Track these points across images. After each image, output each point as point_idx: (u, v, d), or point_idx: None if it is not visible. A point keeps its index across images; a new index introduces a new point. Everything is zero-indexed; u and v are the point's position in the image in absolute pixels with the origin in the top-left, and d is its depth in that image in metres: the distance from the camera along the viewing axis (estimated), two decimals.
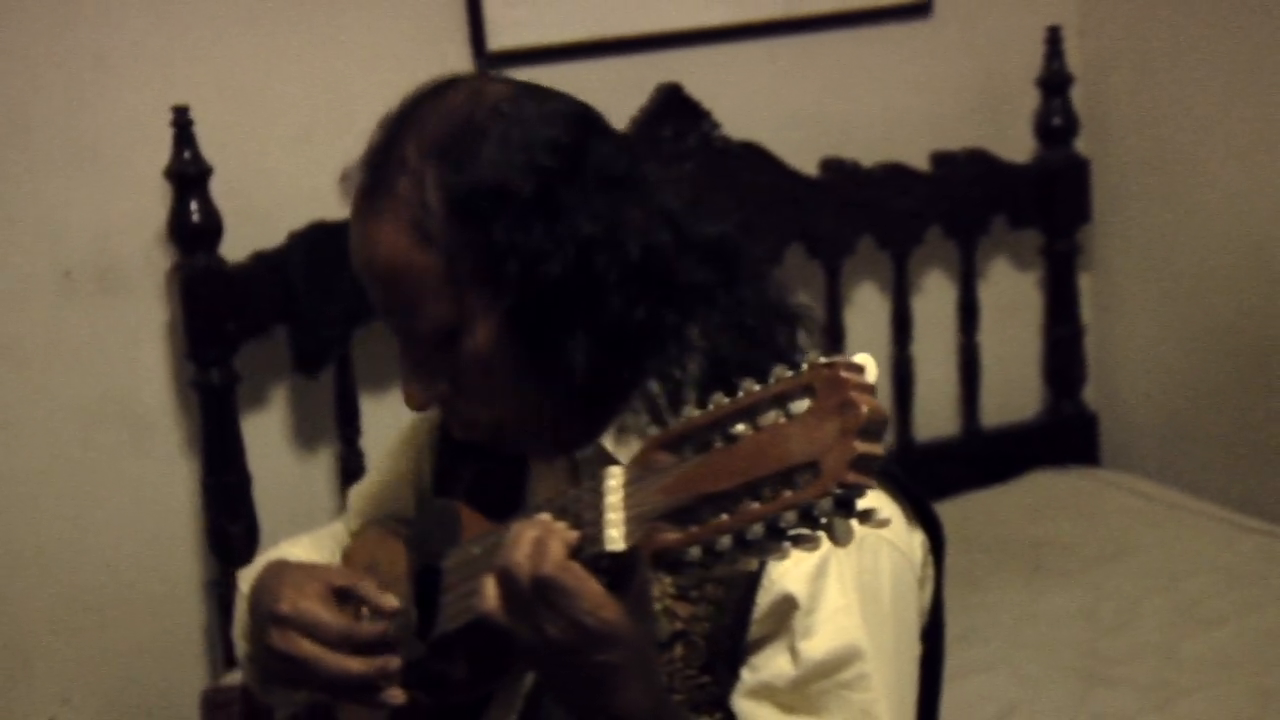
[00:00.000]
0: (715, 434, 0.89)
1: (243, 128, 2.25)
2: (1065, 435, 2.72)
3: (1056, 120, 2.63)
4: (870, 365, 0.84)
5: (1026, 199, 2.65)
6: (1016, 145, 2.67)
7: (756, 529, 0.85)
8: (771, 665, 1.11)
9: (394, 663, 1.16)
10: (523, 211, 1.11)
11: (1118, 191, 2.68)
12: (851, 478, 0.80)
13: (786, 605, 1.10)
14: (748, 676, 1.12)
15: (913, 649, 1.17)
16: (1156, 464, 2.66)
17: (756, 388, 0.87)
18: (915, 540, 1.17)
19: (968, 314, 2.67)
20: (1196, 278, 2.59)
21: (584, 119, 1.17)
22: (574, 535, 0.99)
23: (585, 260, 1.11)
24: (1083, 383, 2.75)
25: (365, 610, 1.21)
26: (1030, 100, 2.65)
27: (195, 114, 2.14)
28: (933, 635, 1.21)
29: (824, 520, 0.83)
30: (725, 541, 0.87)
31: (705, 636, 1.12)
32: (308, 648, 1.17)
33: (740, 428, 0.88)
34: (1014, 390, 2.74)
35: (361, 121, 2.38)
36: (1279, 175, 2.41)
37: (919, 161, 2.61)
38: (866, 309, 2.64)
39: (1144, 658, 1.97)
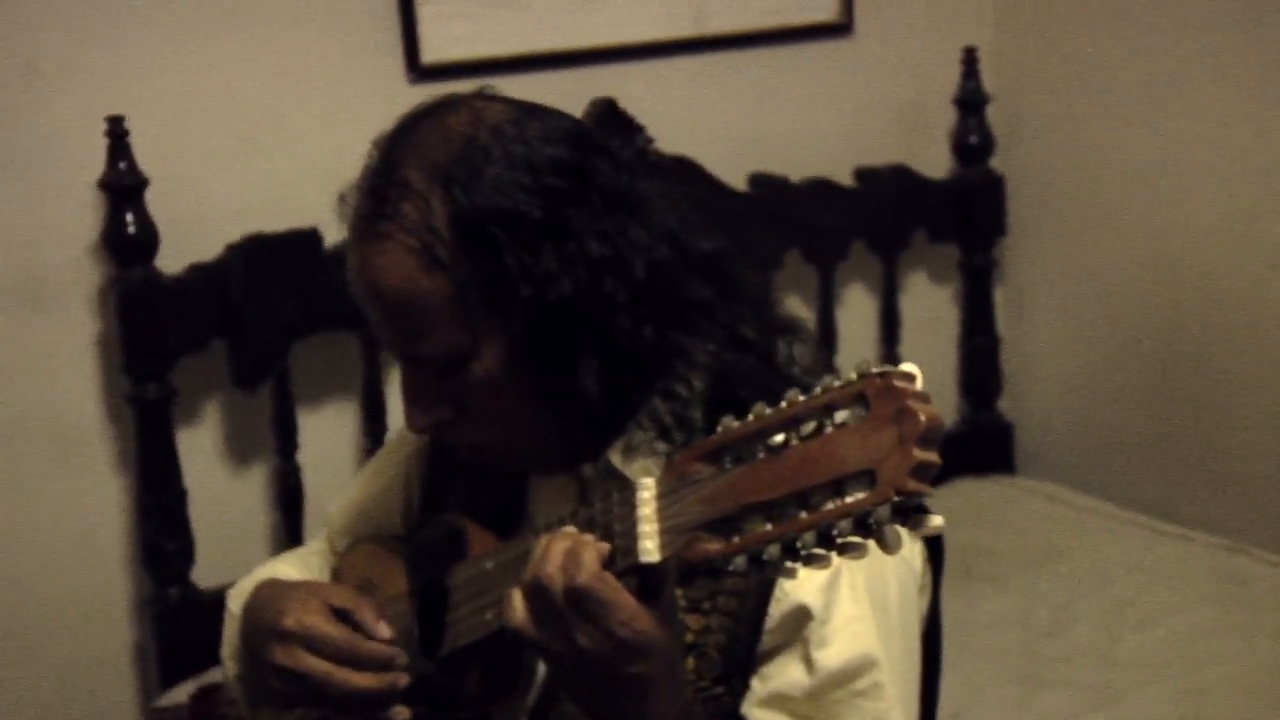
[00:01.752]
0: (757, 444, 0.89)
1: (178, 139, 2.20)
2: (982, 444, 2.77)
3: (973, 138, 2.69)
4: (918, 374, 0.85)
5: (945, 214, 2.70)
6: (935, 162, 2.71)
7: (808, 537, 0.85)
8: (784, 675, 1.11)
9: (403, 679, 1.14)
10: (533, 234, 1.10)
11: (1031, 207, 2.74)
12: (912, 485, 0.81)
13: (800, 615, 1.10)
14: (758, 686, 1.12)
15: (917, 656, 1.18)
16: (1069, 471, 2.72)
17: (802, 397, 0.87)
18: (916, 549, 1.18)
19: (889, 326, 2.71)
20: (1106, 290, 2.66)
21: (585, 136, 1.16)
22: (605, 547, 0.98)
23: (595, 281, 1.10)
24: (998, 393, 2.80)
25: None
26: (948, 118, 2.70)
27: (130, 125, 2.08)
28: (931, 641, 1.22)
29: (877, 528, 0.83)
30: (774, 550, 0.87)
31: (719, 649, 1.11)
32: (315, 663, 1.14)
33: (782, 438, 0.88)
34: (933, 400, 2.77)
35: (297, 133, 2.37)
36: (1182, 191, 2.48)
37: (843, 177, 2.64)
38: None
39: (1081, 660, 2.01)
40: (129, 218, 2.08)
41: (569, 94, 2.44)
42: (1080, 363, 2.73)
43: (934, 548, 1.20)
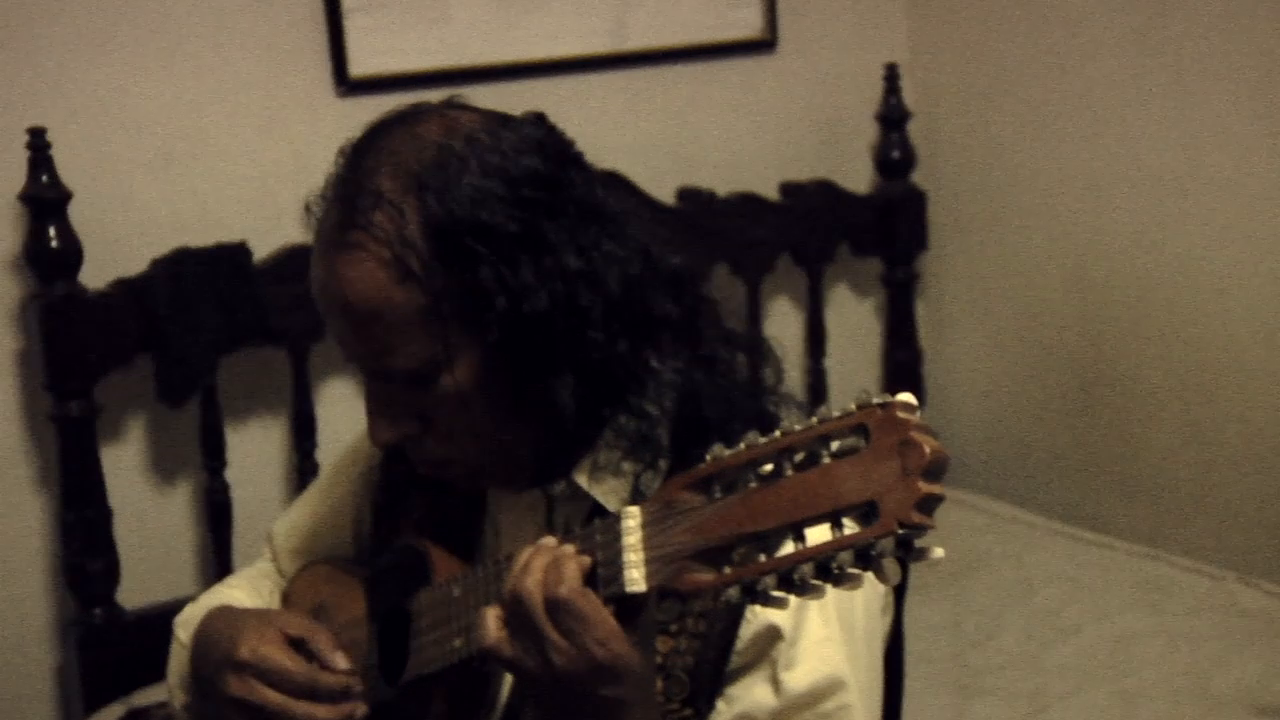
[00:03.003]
0: (749, 474, 0.87)
1: (103, 152, 2.13)
2: None
3: (895, 153, 2.70)
4: (917, 405, 0.83)
5: (868, 228, 2.71)
6: (858, 177, 2.72)
7: (805, 569, 0.83)
8: (750, 695, 1.09)
9: (360, 709, 1.11)
10: (509, 246, 1.06)
11: (952, 222, 2.76)
12: (916, 518, 0.79)
13: (770, 636, 1.09)
14: (724, 708, 1.10)
15: (880, 677, 1.16)
16: (991, 480, 2.74)
17: (797, 427, 0.85)
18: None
19: (815, 339, 2.71)
20: (1025, 303, 2.69)
21: (558, 147, 1.14)
22: (587, 561, 0.96)
23: (571, 294, 1.08)
24: (921, 404, 2.80)
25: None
26: (870, 134, 2.71)
27: (53, 137, 2.01)
28: (893, 660, 1.21)
29: (877, 560, 0.82)
30: (769, 581, 0.85)
31: (687, 670, 1.09)
32: (271, 695, 1.10)
33: (775, 466, 0.86)
34: None
35: (225, 146, 2.31)
36: (1099, 206, 2.51)
37: (769, 191, 2.64)
38: None
39: (1012, 668, 2.02)
40: (51, 232, 2.01)
41: (498, 108, 2.40)
42: (1001, 374, 2.75)
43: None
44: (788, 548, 0.84)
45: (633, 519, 0.94)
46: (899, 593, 1.20)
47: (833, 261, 2.70)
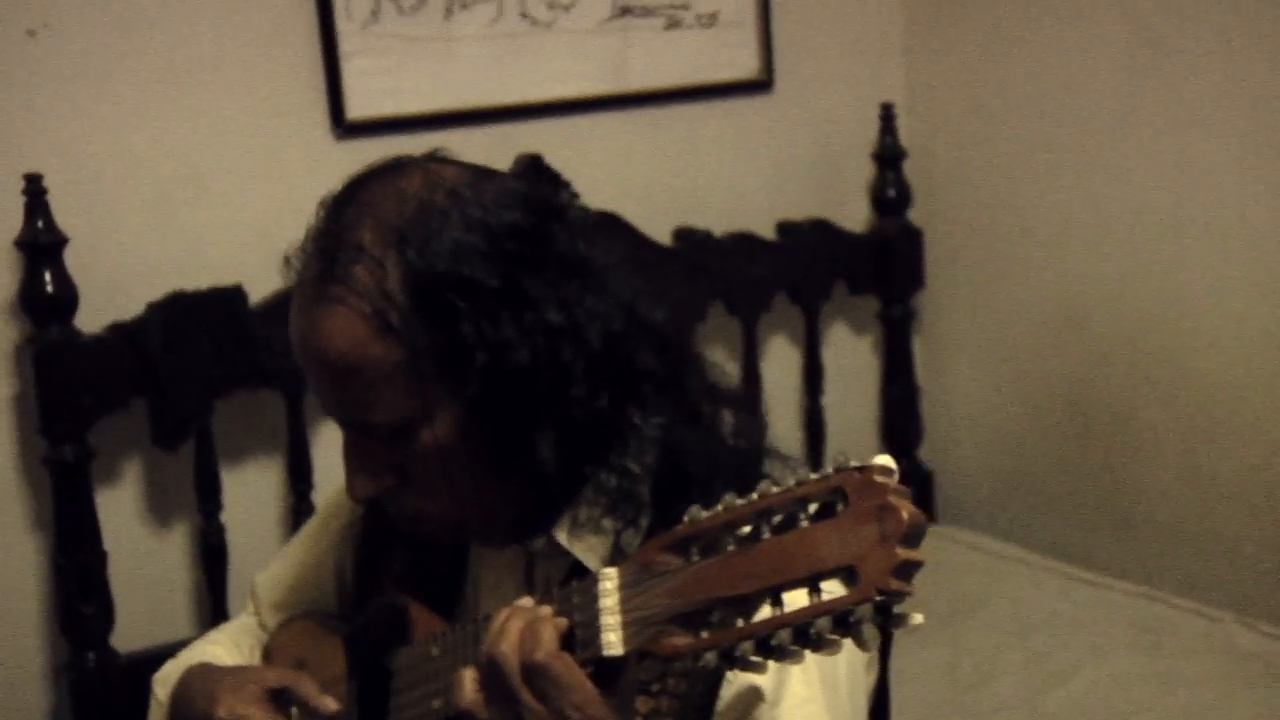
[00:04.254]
0: (727, 536, 0.84)
1: (99, 196, 2.11)
2: None
3: (891, 192, 2.68)
4: (896, 469, 0.81)
5: (864, 266, 2.68)
6: (854, 215, 2.70)
7: (783, 634, 0.80)
8: None
9: None
10: (490, 301, 1.04)
11: (948, 260, 2.74)
12: (895, 584, 0.77)
13: (751, 697, 1.06)
14: None
15: None
16: (988, 518, 2.71)
17: (775, 489, 0.83)
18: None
19: (812, 377, 2.68)
20: (1020, 341, 2.66)
21: (541, 201, 1.12)
22: (563, 623, 0.93)
23: (552, 350, 1.05)
24: (918, 441, 2.78)
25: (295, 712, 1.12)
26: (866, 172, 2.69)
27: (48, 182, 1.99)
28: (878, 717, 1.18)
29: (856, 625, 0.79)
30: (746, 647, 0.82)
31: None
32: None
33: (753, 529, 0.83)
34: (855, 449, 2.72)
35: (221, 190, 2.30)
36: (1095, 243, 2.49)
37: (765, 230, 2.62)
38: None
39: (1008, 712, 1.99)
40: (46, 276, 1.99)
41: (495, 149, 2.39)
42: (998, 411, 2.73)
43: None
44: (765, 612, 0.82)
45: (610, 581, 0.91)
46: (883, 648, 1.17)
47: (829, 299, 2.68)
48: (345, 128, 2.30)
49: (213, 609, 2.17)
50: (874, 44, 2.74)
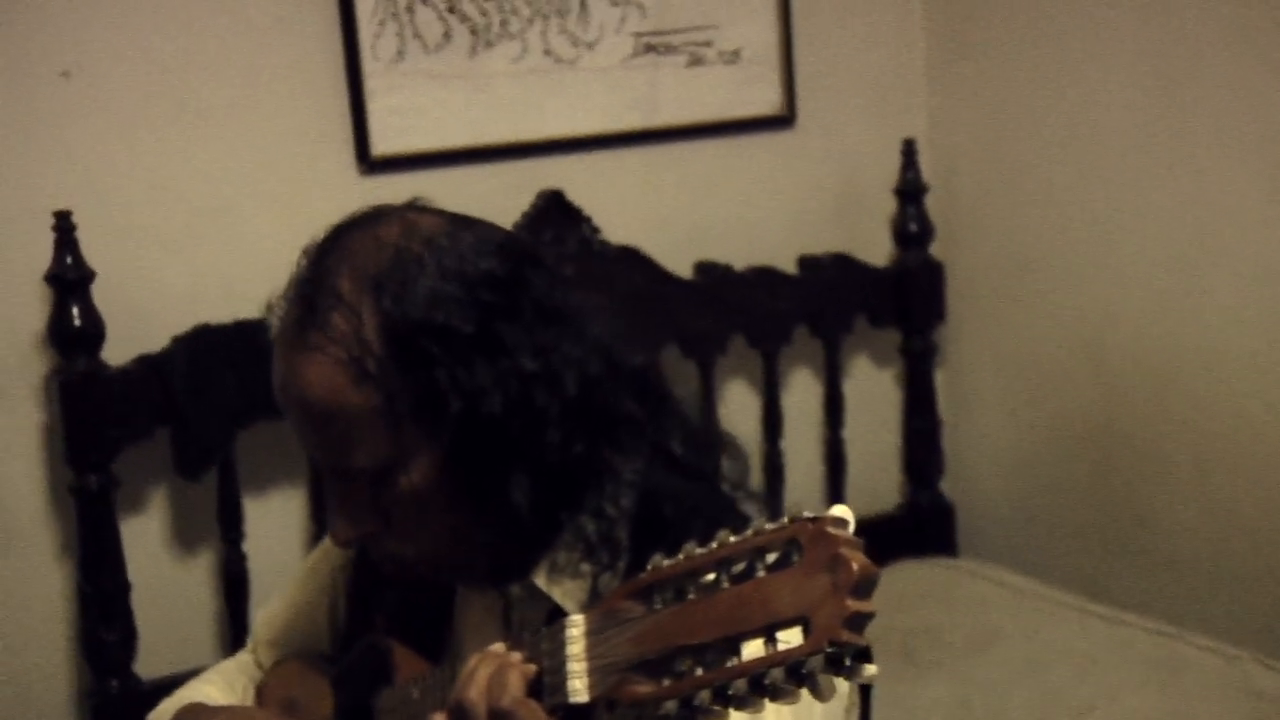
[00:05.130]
0: (688, 584, 0.84)
1: (127, 231, 2.14)
2: (924, 525, 2.73)
3: (912, 226, 2.67)
4: (851, 519, 0.80)
5: (886, 300, 2.67)
6: (875, 249, 2.69)
7: (739, 684, 0.80)
8: None
9: None
10: (465, 348, 1.05)
11: (969, 293, 2.72)
12: (845, 636, 0.76)
13: None
14: None
15: None
16: (1009, 551, 2.69)
17: (733, 539, 0.83)
18: (868, 671, 1.13)
19: (833, 409, 2.67)
20: (1040, 374, 2.64)
21: (518, 249, 1.12)
22: (531, 669, 0.93)
23: (526, 396, 1.06)
24: (940, 474, 2.76)
25: None
26: (888, 207, 2.68)
27: (78, 217, 2.03)
28: None
29: (810, 676, 0.78)
30: (704, 696, 0.82)
31: None
32: None
33: (714, 577, 0.83)
34: (876, 482, 2.75)
35: (249, 225, 2.32)
36: (1116, 278, 2.47)
37: (786, 264, 2.61)
38: (738, 405, 2.62)
39: None
40: (74, 310, 2.02)
41: (517, 185, 2.42)
42: (1020, 445, 2.70)
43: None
44: (724, 661, 0.81)
45: (576, 628, 0.91)
46: (864, 693, 1.16)
47: (850, 332, 2.67)
48: (370, 163, 2.32)
49: (234, 636, 2.19)
50: (895, 80, 2.73)
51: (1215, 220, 2.30)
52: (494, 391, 1.05)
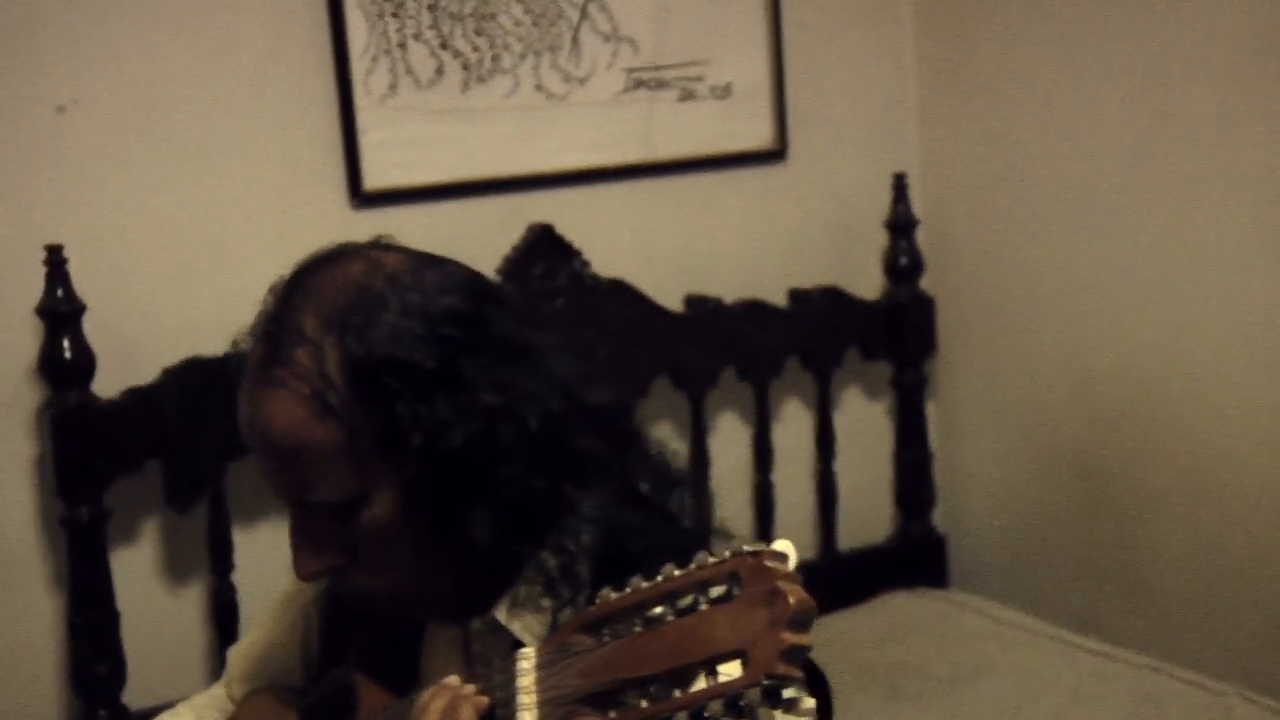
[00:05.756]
0: (635, 618, 0.85)
1: (120, 265, 2.16)
2: (916, 556, 2.73)
3: (903, 260, 2.68)
4: (791, 553, 0.81)
5: (877, 333, 2.68)
6: (867, 283, 2.70)
7: (681, 717, 0.81)
8: None
9: None
10: (426, 383, 1.06)
11: (960, 326, 2.73)
12: (781, 669, 0.77)
13: None
14: None
15: None
16: (1000, 583, 2.69)
17: (677, 572, 0.84)
18: (806, 704, 1.13)
19: (824, 441, 2.68)
20: (1031, 406, 2.64)
21: (480, 286, 1.14)
22: (484, 701, 0.94)
23: (487, 431, 1.07)
24: (931, 506, 2.76)
25: None
26: (879, 241, 2.69)
27: (73, 250, 2.04)
28: None
29: (749, 709, 0.79)
30: None
31: None
32: None
33: (660, 611, 0.84)
34: (868, 513, 2.75)
35: (240, 259, 2.34)
36: (1105, 312, 2.48)
37: (777, 298, 2.62)
38: (729, 437, 2.63)
39: None
40: (66, 343, 2.03)
41: (509, 219, 2.43)
42: (1011, 477, 2.70)
43: (824, 700, 1.15)
44: (668, 694, 0.82)
45: (527, 660, 0.92)
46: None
47: (841, 365, 2.67)
48: (362, 197, 2.34)
49: (222, 665, 2.18)
50: (887, 115, 2.75)
51: (1202, 255, 2.31)
52: (455, 426, 1.06)
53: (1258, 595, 2.26)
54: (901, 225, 2.67)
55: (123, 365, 2.12)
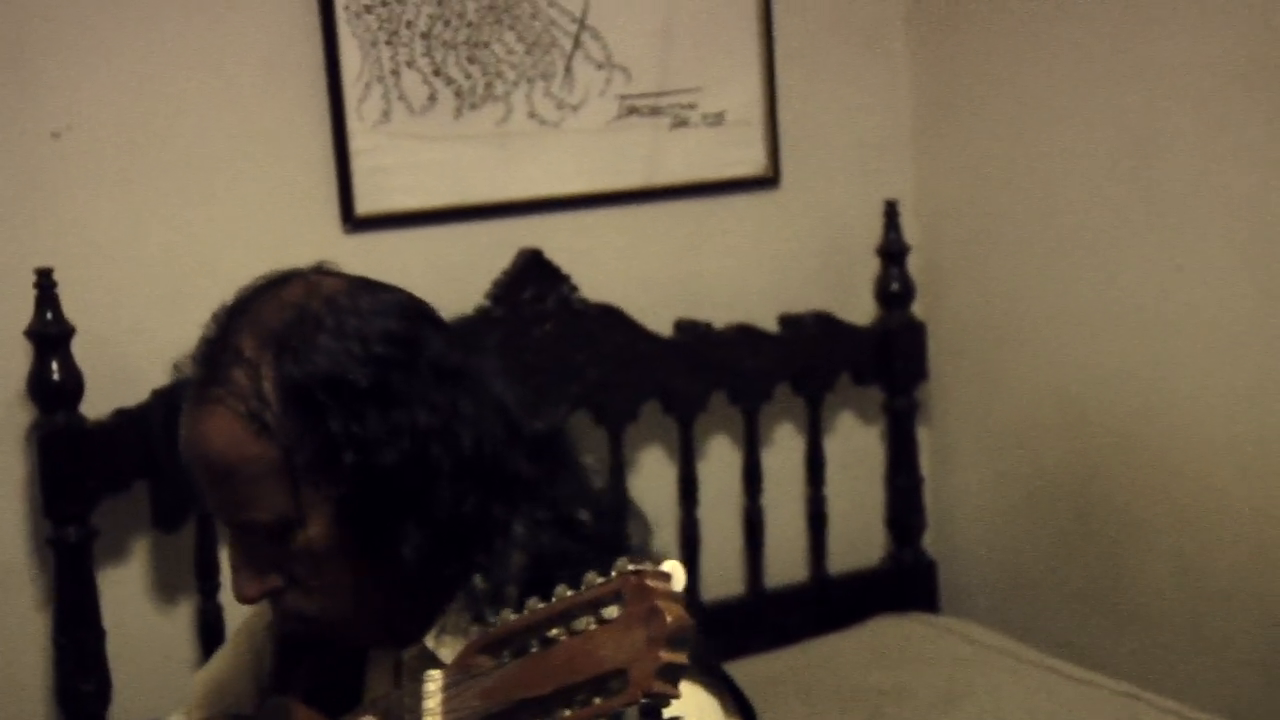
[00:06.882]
0: (532, 638, 0.85)
1: (112, 288, 2.18)
2: (907, 581, 2.71)
3: (895, 286, 2.67)
4: (678, 572, 0.81)
5: (868, 359, 2.67)
6: (858, 309, 2.69)
7: None
8: None
9: None
10: (359, 401, 1.07)
11: (952, 352, 2.72)
12: (658, 687, 0.77)
13: None
14: None
15: None
16: (990, 607, 2.66)
17: (569, 593, 0.84)
18: None
19: (815, 466, 2.66)
20: (1021, 433, 2.62)
21: (418, 310, 1.14)
22: None
23: (420, 450, 1.07)
24: (922, 531, 2.75)
25: None
26: (871, 267, 2.68)
27: (66, 273, 2.06)
28: None
29: None
30: None
31: None
32: None
33: (555, 632, 0.84)
34: (859, 538, 2.73)
35: (232, 282, 2.33)
36: (1085, 340, 2.46)
37: (768, 323, 2.62)
38: (719, 462, 2.62)
39: None
40: (53, 365, 2.05)
41: (500, 244, 2.44)
42: (1002, 503, 2.68)
43: None
44: (559, 713, 0.82)
45: (434, 683, 0.92)
46: None
47: (832, 390, 2.66)
48: (354, 222, 2.35)
49: None
50: (880, 142, 2.75)
51: (1186, 284, 2.29)
52: (387, 444, 1.06)
53: (1242, 622, 2.23)
54: (893, 252, 2.66)
55: (115, 387, 2.13)
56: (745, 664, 2.36)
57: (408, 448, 1.07)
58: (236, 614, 2.19)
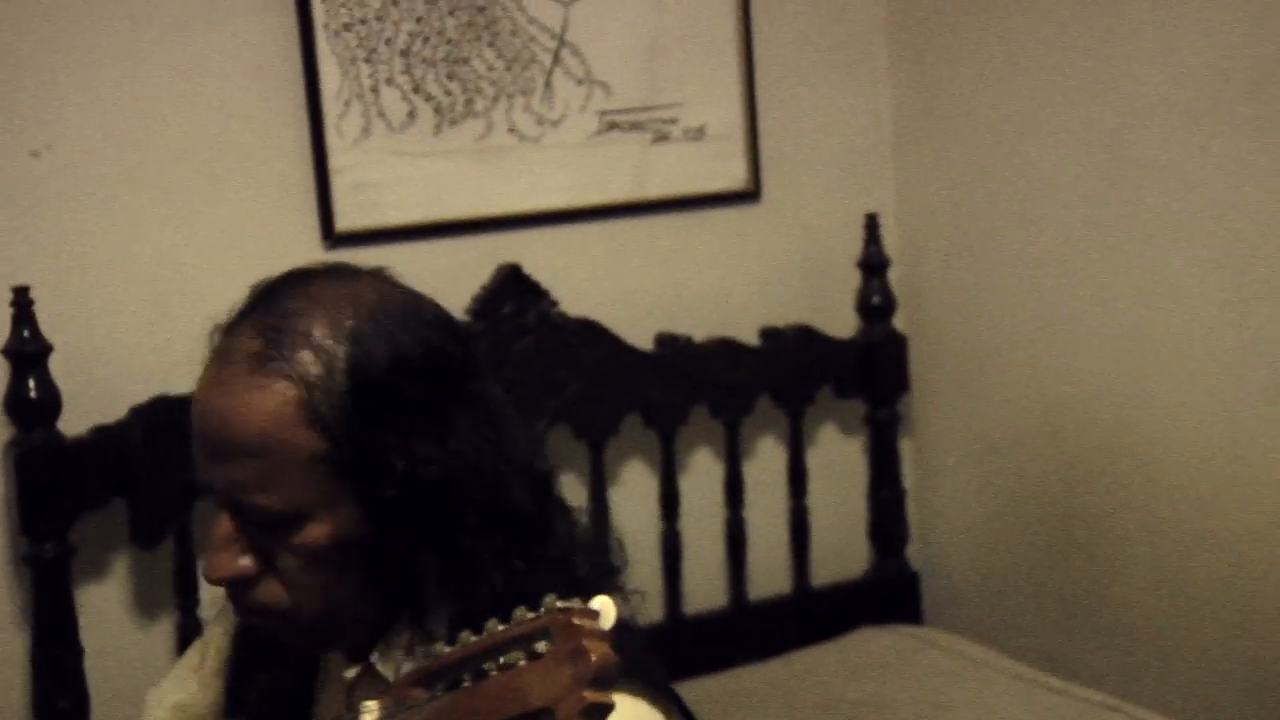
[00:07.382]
0: (465, 672, 0.84)
1: (92, 305, 2.17)
2: (890, 593, 2.70)
3: (876, 299, 2.65)
4: (608, 609, 0.80)
5: (850, 371, 2.66)
6: (840, 322, 2.68)
7: None
8: None
9: None
10: (417, 416, 1.05)
11: (933, 365, 2.70)
12: None
13: None
14: None
15: None
16: (973, 619, 2.65)
17: (500, 628, 0.82)
18: None
19: (797, 478, 2.65)
20: (1002, 445, 2.61)
21: (468, 335, 1.15)
22: None
23: (459, 473, 1.06)
24: (905, 542, 2.73)
25: None
26: (852, 280, 2.67)
27: (45, 291, 2.06)
28: None
29: None
30: None
31: None
32: None
33: (488, 666, 0.83)
34: (842, 550, 2.72)
35: (212, 298, 2.31)
36: (1075, 353, 2.45)
37: (749, 336, 2.61)
38: (701, 474, 2.61)
39: None
40: (30, 383, 2.04)
41: (480, 259, 2.43)
42: (983, 515, 2.67)
43: None
44: None
45: (370, 714, 0.91)
46: None
47: (813, 403, 2.65)
48: (335, 238, 2.34)
49: None
50: (860, 157, 2.73)
51: (1159, 297, 2.29)
52: (433, 461, 1.05)
53: (1221, 635, 2.22)
54: (874, 265, 2.65)
55: (93, 404, 2.13)
56: (728, 676, 2.36)
57: (453, 467, 1.06)
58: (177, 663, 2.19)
